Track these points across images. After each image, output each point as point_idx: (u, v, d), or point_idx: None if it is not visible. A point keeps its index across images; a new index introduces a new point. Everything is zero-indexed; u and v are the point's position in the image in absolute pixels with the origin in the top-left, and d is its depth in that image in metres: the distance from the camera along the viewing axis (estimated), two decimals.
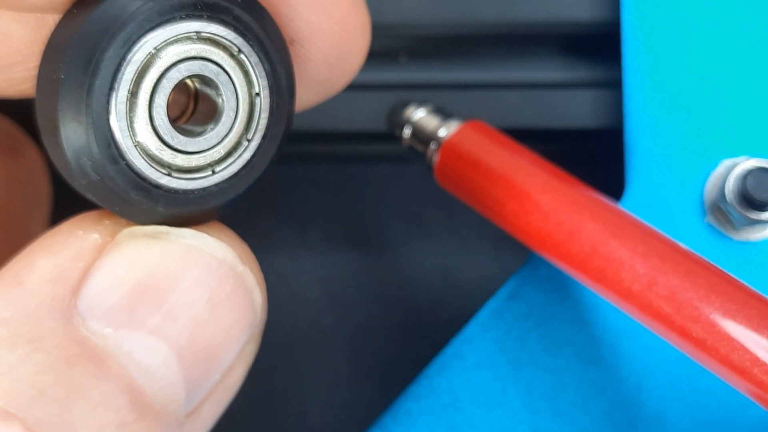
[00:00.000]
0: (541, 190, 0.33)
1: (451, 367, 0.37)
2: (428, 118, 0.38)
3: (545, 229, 0.32)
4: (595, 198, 0.32)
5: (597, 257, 0.30)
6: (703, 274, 0.29)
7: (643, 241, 0.30)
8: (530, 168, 0.34)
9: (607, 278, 0.30)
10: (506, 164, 0.34)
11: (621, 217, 0.31)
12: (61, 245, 0.23)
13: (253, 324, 0.24)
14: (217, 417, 0.24)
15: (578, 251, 0.31)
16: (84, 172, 0.22)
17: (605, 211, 0.32)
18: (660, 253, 0.30)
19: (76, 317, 0.22)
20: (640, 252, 0.30)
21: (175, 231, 0.23)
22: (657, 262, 0.29)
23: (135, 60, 0.22)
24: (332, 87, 0.28)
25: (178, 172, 0.23)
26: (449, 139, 0.36)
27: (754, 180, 0.34)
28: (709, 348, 0.28)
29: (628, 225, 0.31)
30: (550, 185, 0.33)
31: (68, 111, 0.21)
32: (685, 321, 0.29)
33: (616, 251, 0.30)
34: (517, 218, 0.33)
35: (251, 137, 0.23)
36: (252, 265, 0.24)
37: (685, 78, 0.36)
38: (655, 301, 0.29)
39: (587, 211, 0.32)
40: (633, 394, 0.36)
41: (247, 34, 0.23)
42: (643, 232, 0.31)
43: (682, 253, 0.30)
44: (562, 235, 0.31)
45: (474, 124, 0.36)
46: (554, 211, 0.32)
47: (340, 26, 0.26)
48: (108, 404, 0.21)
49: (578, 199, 0.32)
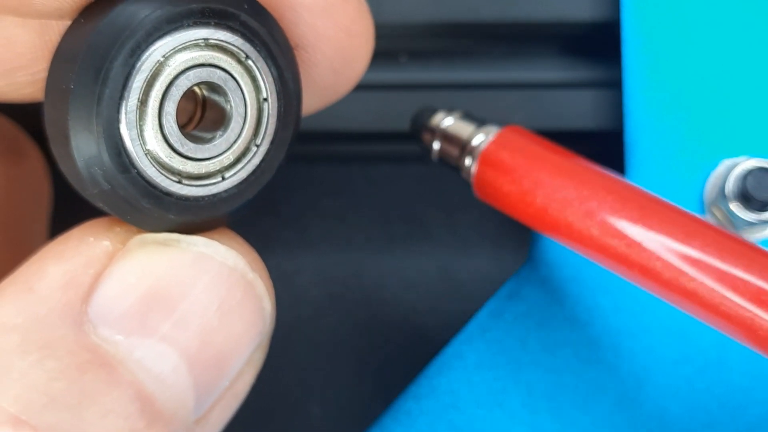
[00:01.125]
0: (597, 195, 0.31)
1: (451, 367, 0.37)
2: (459, 125, 0.36)
3: (606, 240, 0.30)
4: (658, 201, 0.31)
5: (665, 267, 0.29)
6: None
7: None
8: (582, 172, 0.32)
9: (676, 287, 0.29)
10: (558, 170, 0.32)
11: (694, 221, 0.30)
12: (72, 252, 0.23)
13: (262, 331, 0.24)
14: (226, 423, 0.24)
15: (642, 260, 0.29)
16: (95, 182, 0.22)
17: (672, 214, 0.30)
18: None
19: (87, 324, 0.22)
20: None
21: (186, 238, 0.23)
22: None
23: (144, 68, 0.22)
24: (336, 92, 0.28)
25: (189, 179, 0.23)
26: (488, 147, 0.34)
27: (754, 180, 0.34)
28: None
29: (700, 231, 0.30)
30: (607, 189, 0.31)
31: (79, 121, 0.21)
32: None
33: (686, 263, 0.29)
34: (573, 227, 0.31)
35: (260, 142, 0.23)
36: (262, 273, 0.24)
37: (685, 78, 0.36)
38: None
39: (653, 216, 0.30)
40: (633, 394, 0.36)
41: (254, 40, 0.23)
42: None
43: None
44: (624, 246, 0.30)
45: (513, 128, 0.34)
46: (614, 219, 0.30)
47: (344, 32, 0.26)
48: (119, 411, 0.21)
49: (643, 203, 0.30)
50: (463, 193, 0.44)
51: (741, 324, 0.28)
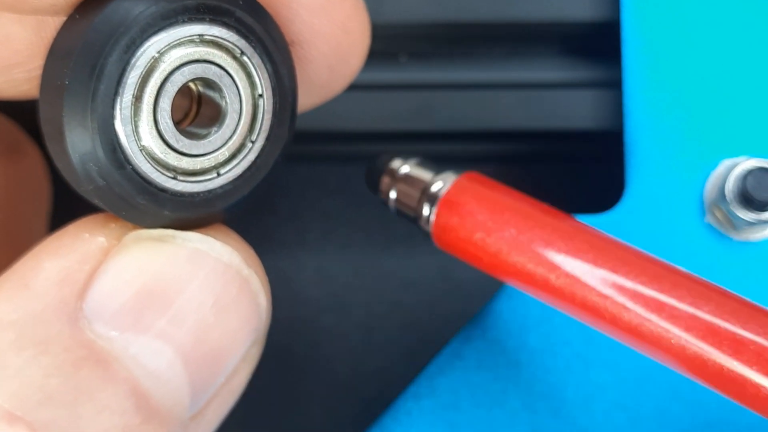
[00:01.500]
0: (562, 244, 0.30)
1: (451, 367, 0.37)
2: (416, 172, 0.35)
3: (570, 289, 0.30)
4: (617, 245, 0.31)
5: (630, 314, 0.29)
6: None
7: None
8: (546, 219, 0.31)
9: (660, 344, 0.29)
10: (515, 215, 0.31)
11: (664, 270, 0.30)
12: (68, 248, 0.23)
13: (257, 327, 0.24)
14: (221, 419, 0.24)
15: (610, 311, 0.29)
16: (90, 178, 0.22)
17: (636, 260, 0.30)
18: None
19: (82, 320, 0.22)
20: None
21: (181, 234, 0.23)
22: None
23: (139, 64, 0.22)
24: (332, 89, 0.28)
25: (184, 175, 0.23)
26: (447, 194, 0.33)
27: (754, 180, 0.34)
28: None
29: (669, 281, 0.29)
30: (569, 236, 0.31)
31: (74, 117, 0.21)
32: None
33: (656, 310, 0.29)
34: (537, 277, 0.31)
35: (255, 139, 0.23)
36: (257, 269, 0.24)
37: (685, 78, 0.36)
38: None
39: (615, 263, 0.30)
40: (633, 394, 0.36)
41: (249, 37, 0.23)
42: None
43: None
44: (593, 297, 0.30)
45: (471, 175, 0.34)
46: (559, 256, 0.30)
47: (340, 28, 0.26)
48: (114, 407, 0.21)
49: (604, 248, 0.30)
50: None
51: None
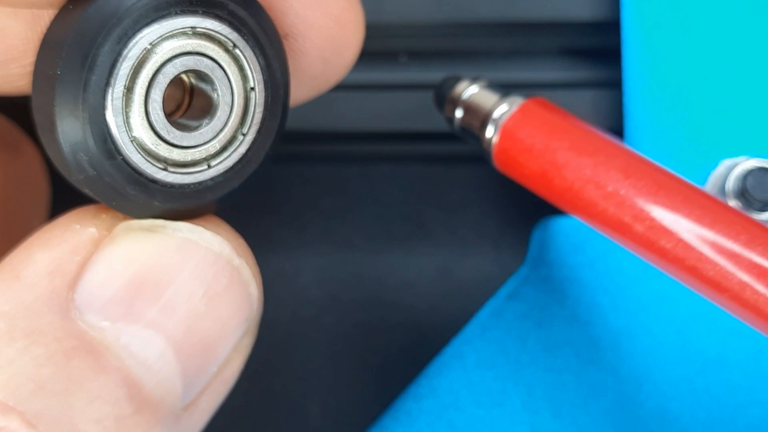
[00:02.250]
0: (620, 174, 0.30)
1: (451, 367, 0.37)
2: (483, 94, 0.35)
3: (622, 217, 0.30)
4: (678, 181, 0.30)
5: (682, 247, 0.29)
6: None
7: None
8: (606, 149, 0.31)
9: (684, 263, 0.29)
10: (579, 145, 0.31)
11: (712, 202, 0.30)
12: (59, 239, 0.23)
13: (249, 317, 0.24)
14: (214, 410, 0.24)
15: (663, 242, 0.29)
16: (81, 167, 0.22)
17: (692, 194, 0.30)
18: None
19: (73, 311, 0.22)
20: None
21: (171, 224, 0.23)
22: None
23: (131, 55, 0.22)
24: (326, 82, 0.28)
25: (175, 166, 0.23)
26: (510, 118, 0.33)
27: (754, 180, 0.34)
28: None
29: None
30: (630, 168, 0.30)
31: (65, 107, 0.21)
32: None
33: (706, 242, 0.29)
34: (594, 205, 0.30)
35: (246, 131, 0.23)
36: (248, 259, 0.24)
37: (686, 78, 0.36)
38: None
39: (676, 196, 0.29)
40: (633, 394, 0.36)
41: (242, 29, 0.23)
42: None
43: None
44: (644, 226, 0.29)
45: (536, 100, 0.34)
46: (633, 198, 0.30)
47: (334, 21, 0.26)
48: (106, 397, 0.21)
49: (665, 182, 0.30)
50: (463, 193, 0.44)
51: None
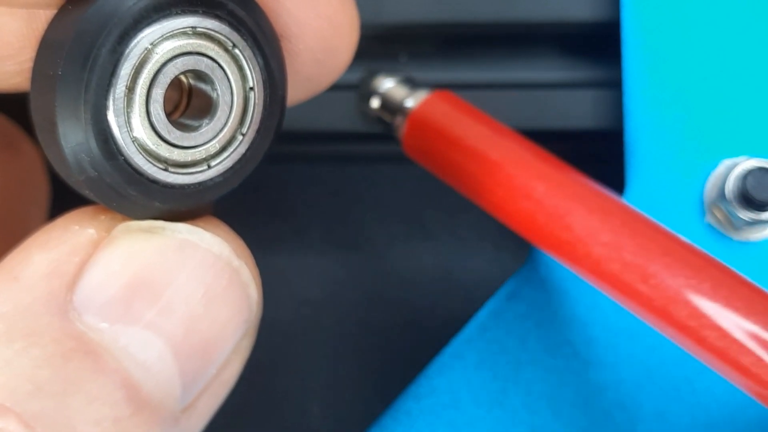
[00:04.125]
0: (503, 161, 0.33)
1: (451, 367, 0.37)
2: (397, 88, 0.38)
3: (507, 202, 0.32)
4: (559, 167, 0.33)
5: (558, 230, 0.31)
6: (662, 241, 0.29)
7: (603, 210, 0.30)
8: (497, 139, 0.34)
9: (569, 251, 0.31)
10: (471, 135, 0.34)
11: (584, 187, 0.32)
12: (57, 240, 0.23)
13: (248, 319, 0.24)
14: (213, 412, 0.24)
15: (549, 227, 0.31)
16: (81, 168, 0.22)
17: (569, 181, 0.32)
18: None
19: (72, 312, 0.22)
20: (600, 224, 0.30)
21: (170, 226, 0.23)
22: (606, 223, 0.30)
23: (132, 56, 0.22)
24: (320, 83, 0.28)
25: (175, 166, 0.23)
26: (416, 109, 0.36)
27: (754, 180, 0.34)
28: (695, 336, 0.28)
29: (590, 195, 0.31)
30: (512, 156, 0.33)
31: (66, 107, 0.21)
32: (668, 305, 0.29)
33: (576, 225, 0.30)
34: (481, 190, 0.33)
35: (246, 131, 0.24)
36: (247, 260, 0.24)
37: (686, 78, 0.36)
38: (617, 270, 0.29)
39: (548, 180, 0.32)
40: (633, 394, 0.36)
41: (241, 29, 0.23)
42: (603, 200, 0.31)
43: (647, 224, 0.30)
44: (523, 208, 0.32)
45: (441, 94, 0.37)
46: (514, 183, 0.32)
47: (328, 22, 0.26)
48: (104, 399, 0.21)
49: (541, 169, 0.33)
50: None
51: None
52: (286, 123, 0.25)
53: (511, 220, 0.32)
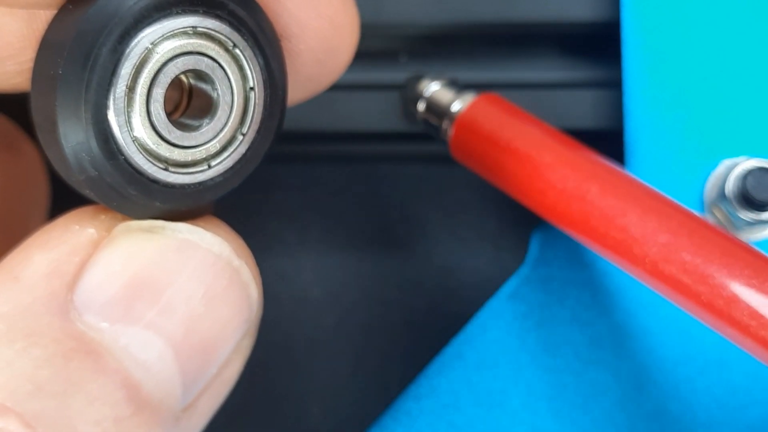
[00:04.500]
0: (555, 163, 0.32)
1: (451, 367, 0.37)
2: (442, 91, 0.38)
3: (560, 204, 0.32)
4: (610, 169, 0.32)
5: (614, 231, 0.30)
6: (719, 242, 0.29)
7: (658, 212, 0.30)
8: (547, 140, 0.33)
9: (624, 252, 0.30)
10: (521, 138, 0.34)
11: (637, 187, 0.31)
12: (57, 240, 0.23)
13: (249, 318, 0.24)
14: (214, 411, 0.24)
15: (594, 226, 0.31)
16: (82, 168, 0.22)
17: (622, 182, 0.31)
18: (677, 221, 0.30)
19: (72, 312, 0.22)
20: (657, 224, 0.30)
21: (170, 225, 0.23)
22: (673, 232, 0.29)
23: (132, 55, 0.22)
24: (320, 83, 0.28)
25: (175, 166, 0.23)
26: (463, 112, 0.36)
27: (754, 180, 0.34)
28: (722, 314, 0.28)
29: (644, 196, 0.31)
30: (563, 158, 0.33)
31: (67, 107, 0.21)
32: (728, 305, 0.28)
33: (632, 226, 0.30)
34: (531, 192, 0.33)
35: (246, 131, 0.24)
36: (248, 260, 0.24)
37: (686, 78, 0.36)
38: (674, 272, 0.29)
39: (602, 182, 0.31)
40: (633, 394, 0.36)
41: (242, 29, 0.23)
42: (657, 201, 0.30)
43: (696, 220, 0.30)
44: (576, 210, 0.31)
45: (488, 96, 0.36)
46: (568, 185, 0.32)
47: (328, 23, 0.26)
48: (105, 399, 0.21)
49: (594, 170, 0.32)
50: (463, 194, 0.44)
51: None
52: (286, 123, 0.25)
53: (564, 222, 0.32)
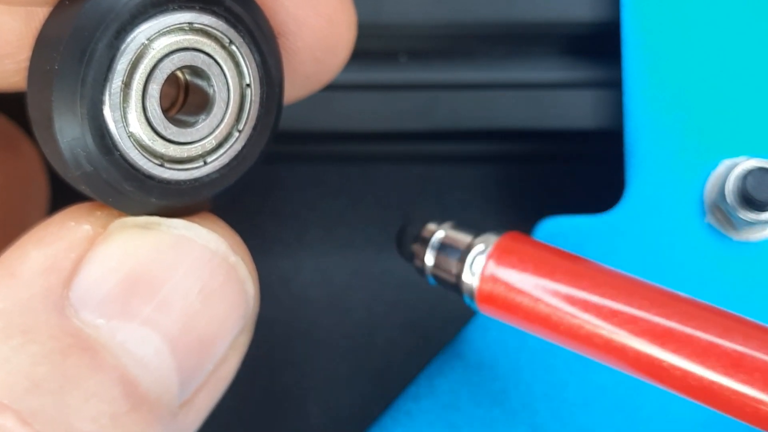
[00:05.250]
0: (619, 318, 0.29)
1: (451, 367, 0.37)
2: (453, 236, 0.34)
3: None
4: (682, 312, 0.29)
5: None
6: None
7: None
8: (599, 278, 0.30)
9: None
10: (569, 280, 0.29)
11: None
12: (54, 237, 0.23)
13: (245, 314, 0.24)
14: (211, 407, 0.24)
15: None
16: (78, 164, 0.22)
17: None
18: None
19: (68, 308, 0.22)
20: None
21: (166, 221, 0.23)
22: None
23: (129, 51, 0.22)
24: (318, 81, 0.28)
25: (171, 162, 0.23)
26: (489, 258, 0.31)
27: (754, 180, 0.34)
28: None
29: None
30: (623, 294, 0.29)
31: (63, 102, 0.21)
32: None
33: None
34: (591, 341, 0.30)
35: (242, 128, 0.23)
36: (244, 256, 0.24)
37: (686, 78, 0.36)
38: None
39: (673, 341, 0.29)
40: (633, 394, 0.36)
41: (238, 26, 0.23)
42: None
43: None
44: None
45: (512, 235, 0.32)
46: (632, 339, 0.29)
47: (326, 21, 0.26)
48: (102, 395, 0.21)
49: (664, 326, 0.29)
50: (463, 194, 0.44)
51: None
52: (286, 123, 0.25)
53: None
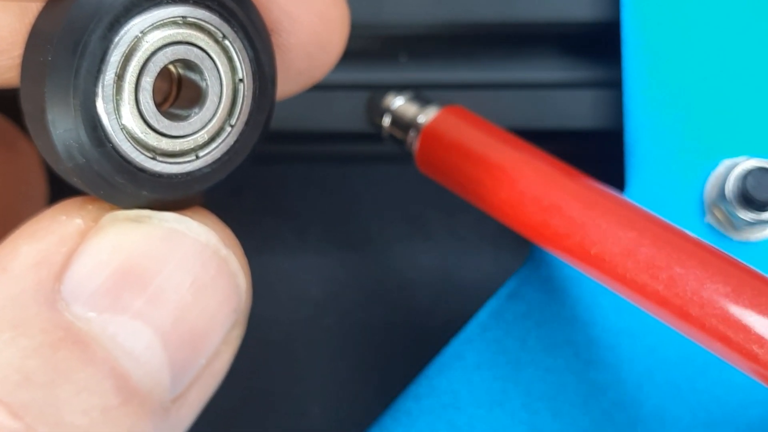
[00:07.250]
0: (519, 170, 0.33)
1: (451, 367, 0.37)
2: (407, 105, 0.39)
3: (526, 211, 0.32)
4: (575, 175, 0.33)
5: (577, 236, 0.30)
6: (697, 252, 0.29)
7: (617, 214, 0.30)
8: (508, 150, 0.34)
9: (581, 253, 0.31)
10: (484, 147, 0.34)
11: (600, 194, 0.32)
12: (45, 231, 0.23)
13: (237, 308, 0.24)
14: (204, 403, 0.24)
15: (564, 235, 0.31)
16: (70, 156, 0.22)
17: (587, 190, 0.32)
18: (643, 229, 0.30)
19: (60, 302, 0.22)
20: (614, 223, 0.30)
21: (157, 215, 0.23)
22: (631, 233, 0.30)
23: (122, 43, 0.22)
24: (311, 77, 0.28)
25: (163, 156, 0.23)
26: (428, 124, 0.37)
27: (754, 180, 0.34)
28: (696, 322, 0.28)
29: (605, 201, 0.31)
30: (529, 165, 0.33)
31: (56, 93, 0.21)
32: (679, 301, 0.28)
33: (594, 228, 0.30)
34: (497, 200, 0.33)
35: (234, 123, 0.24)
36: (235, 249, 0.24)
37: (685, 78, 0.36)
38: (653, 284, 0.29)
39: (569, 190, 0.32)
40: (633, 394, 0.36)
41: (231, 21, 0.23)
42: (616, 205, 0.31)
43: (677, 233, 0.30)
44: (545, 218, 0.32)
45: (452, 108, 0.37)
46: (535, 192, 0.32)
47: (318, 17, 0.26)
48: (93, 389, 0.21)
49: (560, 179, 0.32)
50: None
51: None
52: (286, 122, 0.25)
53: (527, 230, 0.33)
